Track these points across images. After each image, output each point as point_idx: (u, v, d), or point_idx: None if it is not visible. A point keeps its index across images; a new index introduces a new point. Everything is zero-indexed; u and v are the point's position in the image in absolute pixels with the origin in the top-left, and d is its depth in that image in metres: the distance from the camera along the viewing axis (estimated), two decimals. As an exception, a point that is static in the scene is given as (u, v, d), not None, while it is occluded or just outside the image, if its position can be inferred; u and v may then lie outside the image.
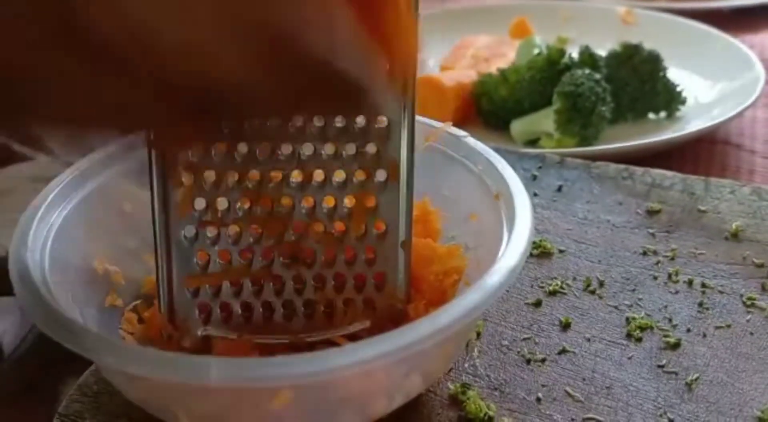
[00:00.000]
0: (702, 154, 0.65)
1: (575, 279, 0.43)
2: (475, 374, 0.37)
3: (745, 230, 0.47)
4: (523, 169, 0.53)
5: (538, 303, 0.42)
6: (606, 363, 0.38)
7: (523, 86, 0.67)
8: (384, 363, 0.28)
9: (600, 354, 0.38)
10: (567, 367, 0.37)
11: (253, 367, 0.27)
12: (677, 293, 0.42)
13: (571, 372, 0.37)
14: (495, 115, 0.69)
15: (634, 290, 0.42)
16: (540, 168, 0.53)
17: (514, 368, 0.37)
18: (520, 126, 0.67)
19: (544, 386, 0.36)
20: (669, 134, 0.65)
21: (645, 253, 0.45)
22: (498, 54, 0.78)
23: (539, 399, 0.36)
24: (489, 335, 0.39)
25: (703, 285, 0.42)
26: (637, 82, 0.68)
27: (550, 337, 0.39)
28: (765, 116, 0.71)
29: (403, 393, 0.32)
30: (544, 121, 0.65)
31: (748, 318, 0.40)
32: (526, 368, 0.37)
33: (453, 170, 0.40)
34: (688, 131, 0.63)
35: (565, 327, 0.40)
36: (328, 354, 0.27)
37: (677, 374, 0.37)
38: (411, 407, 0.34)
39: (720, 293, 0.42)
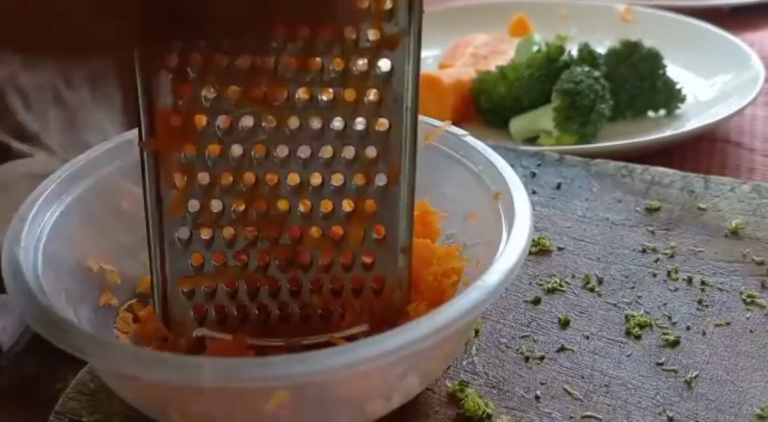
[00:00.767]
0: (701, 151, 0.65)
1: (574, 277, 0.43)
2: (474, 372, 0.37)
3: (745, 228, 0.46)
4: (522, 167, 0.53)
5: (537, 301, 0.41)
6: (605, 361, 0.37)
7: (522, 84, 0.67)
8: (381, 364, 0.27)
9: (599, 351, 0.38)
10: (566, 365, 0.37)
11: (247, 367, 0.27)
12: (677, 291, 0.42)
13: (570, 369, 0.37)
14: (494, 113, 0.69)
15: (633, 288, 0.42)
16: (539, 165, 0.53)
17: (512, 366, 0.37)
18: (519, 124, 0.67)
19: (542, 384, 0.36)
20: (668, 132, 0.65)
21: (644, 251, 0.45)
22: (497, 52, 0.78)
23: (538, 397, 0.35)
24: (488, 333, 0.39)
25: (703, 283, 0.42)
26: (637, 79, 0.68)
27: (548, 335, 0.39)
28: (764, 114, 0.71)
29: (402, 394, 0.32)
30: (543, 119, 0.65)
31: (747, 315, 0.40)
32: (524, 366, 0.37)
33: (452, 169, 0.39)
34: (687, 129, 0.63)
35: (564, 325, 0.40)
36: (324, 354, 0.26)
37: (676, 372, 0.37)
38: (409, 405, 0.34)
39: (719, 291, 0.42)
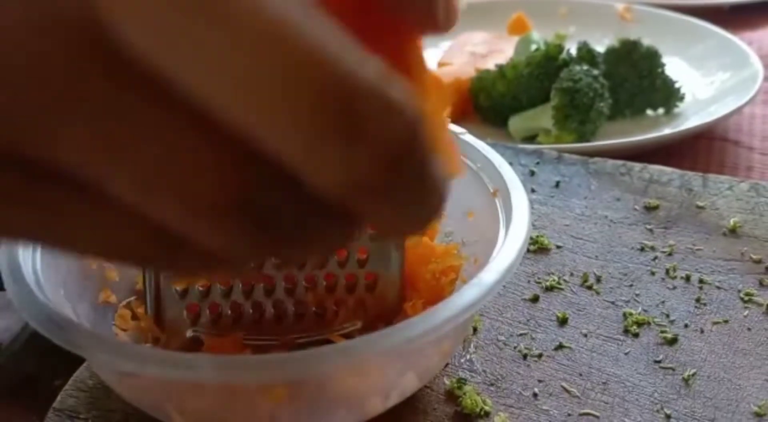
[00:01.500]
0: (700, 150, 0.65)
1: (572, 275, 0.43)
2: (472, 369, 0.37)
3: (743, 226, 0.46)
4: (521, 165, 0.53)
5: (535, 299, 0.41)
6: (603, 359, 0.37)
7: (521, 82, 0.67)
8: (379, 361, 0.27)
9: (597, 349, 0.38)
10: (563, 363, 0.37)
11: (247, 364, 0.27)
12: (675, 289, 0.42)
13: (568, 367, 0.37)
14: (493, 111, 0.69)
15: (631, 286, 0.42)
16: (538, 164, 0.53)
17: (510, 363, 0.37)
18: (517, 122, 0.67)
19: (540, 381, 0.36)
20: (667, 130, 0.65)
21: (642, 249, 0.45)
22: (496, 50, 0.78)
23: (536, 395, 0.35)
24: (485, 330, 0.39)
25: (701, 281, 0.42)
26: (636, 78, 0.68)
27: (546, 333, 0.39)
28: (763, 113, 0.71)
29: (400, 391, 0.32)
30: (542, 117, 0.65)
31: (745, 313, 0.40)
32: (522, 363, 0.37)
33: (450, 167, 0.39)
34: (686, 127, 0.63)
35: (562, 323, 0.40)
36: (323, 351, 0.26)
37: (674, 369, 0.37)
38: (407, 402, 0.34)
39: (717, 289, 0.42)
